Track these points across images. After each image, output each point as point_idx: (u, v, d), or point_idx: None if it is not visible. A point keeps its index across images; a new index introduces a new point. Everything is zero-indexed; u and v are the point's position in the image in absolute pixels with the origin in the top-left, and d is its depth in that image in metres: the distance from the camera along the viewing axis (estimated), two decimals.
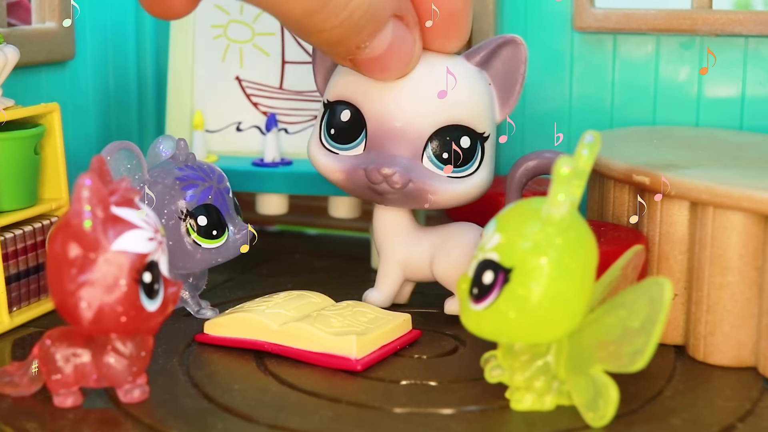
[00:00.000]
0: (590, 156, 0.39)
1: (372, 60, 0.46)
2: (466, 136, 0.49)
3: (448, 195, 0.49)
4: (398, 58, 0.46)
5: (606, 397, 0.39)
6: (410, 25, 0.46)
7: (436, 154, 0.49)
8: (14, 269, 0.50)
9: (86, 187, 0.38)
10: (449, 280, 0.50)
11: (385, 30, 0.45)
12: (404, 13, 0.46)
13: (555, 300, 0.38)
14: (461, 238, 0.50)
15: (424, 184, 0.48)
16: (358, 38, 0.44)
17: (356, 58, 0.46)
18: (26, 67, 0.59)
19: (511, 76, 0.50)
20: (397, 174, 0.48)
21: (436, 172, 0.49)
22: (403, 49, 0.46)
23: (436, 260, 0.50)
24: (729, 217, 0.44)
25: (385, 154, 0.48)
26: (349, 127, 0.49)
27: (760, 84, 0.60)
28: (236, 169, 0.62)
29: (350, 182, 0.50)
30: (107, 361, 0.41)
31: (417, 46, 0.47)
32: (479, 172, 0.50)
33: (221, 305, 0.53)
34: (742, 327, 0.45)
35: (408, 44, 0.46)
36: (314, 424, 0.40)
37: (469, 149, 0.49)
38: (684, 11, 0.60)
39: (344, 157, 0.50)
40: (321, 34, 0.43)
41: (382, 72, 0.47)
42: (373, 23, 0.44)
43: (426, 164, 0.49)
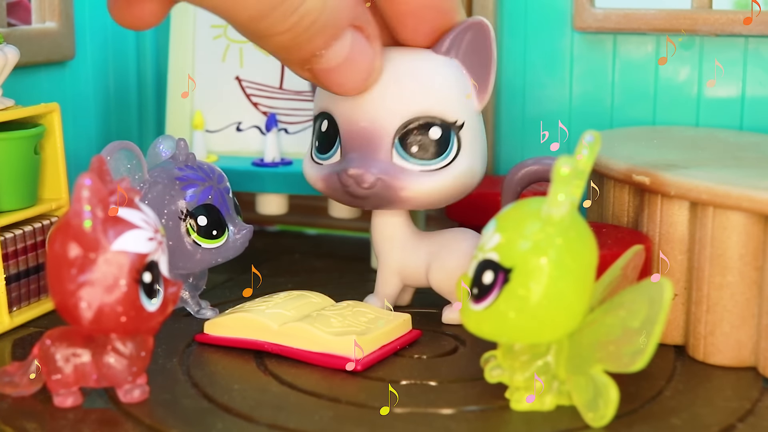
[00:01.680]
0: (590, 156, 0.39)
1: (329, 71, 0.45)
2: (435, 127, 0.48)
3: (420, 189, 0.48)
4: (356, 71, 0.46)
5: (606, 397, 0.39)
6: (370, 37, 0.45)
7: (405, 148, 0.48)
8: (14, 269, 0.50)
9: (86, 187, 0.38)
10: (445, 289, 0.50)
11: (342, 40, 0.44)
12: (363, 24, 0.45)
13: (555, 300, 0.38)
14: (457, 246, 0.50)
15: (393, 181, 0.47)
16: (312, 45, 0.43)
17: (313, 68, 0.45)
18: (26, 67, 0.59)
19: (480, 58, 0.49)
20: (364, 174, 0.47)
21: (407, 167, 0.48)
22: (361, 62, 0.45)
23: (432, 269, 0.50)
24: (729, 217, 0.44)
25: (354, 157, 0.48)
26: (327, 136, 0.49)
27: (760, 84, 0.60)
28: (236, 169, 0.62)
29: (329, 189, 0.49)
30: (107, 361, 0.41)
31: (377, 60, 0.46)
32: (458, 161, 0.48)
33: (221, 305, 0.53)
34: (742, 327, 0.45)
35: (367, 57, 0.45)
36: (314, 424, 0.40)
37: (440, 139, 0.48)
38: (684, 11, 0.60)
39: (324, 166, 0.50)
40: (271, 39, 0.42)
41: (340, 84, 0.46)
42: (328, 31, 0.43)
43: (396, 161, 0.48)
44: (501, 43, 0.65)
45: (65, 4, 0.62)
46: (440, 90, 0.48)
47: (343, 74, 0.45)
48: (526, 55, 0.65)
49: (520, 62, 0.65)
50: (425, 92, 0.48)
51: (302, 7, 0.41)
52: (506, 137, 0.66)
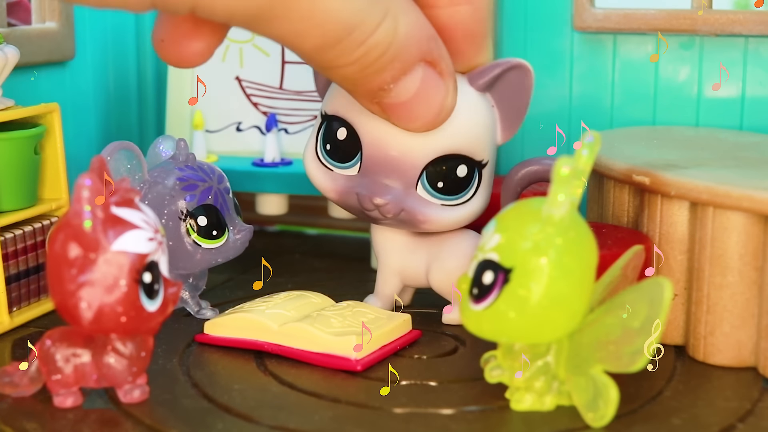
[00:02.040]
0: (590, 156, 0.39)
1: (398, 106, 0.44)
2: (463, 165, 0.47)
3: (440, 223, 0.48)
4: (427, 107, 0.44)
5: (606, 397, 0.39)
6: (443, 73, 0.44)
7: (431, 183, 0.47)
8: (14, 269, 0.50)
9: (86, 187, 0.38)
10: (445, 290, 0.50)
11: (412, 75, 0.42)
12: (436, 59, 0.43)
13: (555, 300, 0.38)
14: (457, 247, 0.50)
15: (416, 213, 0.48)
16: (380, 79, 0.42)
17: (382, 102, 0.43)
18: (26, 67, 0.59)
19: (516, 100, 0.48)
20: (389, 204, 0.47)
21: (430, 200, 0.48)
22: (433, 98, 0.44)
23: (432, 270, 0.50)
24: (729, 217, 0.44)
25: (378, 181, 0.47)
26: (345, 146, 0.48)
27: (760, 84, 0.60)
28: (236, 169, 0.62)
29: (343, 203, 0.49)
30: (107, 362, 0.41)
31: (450, 97, 0.44)
32: (475, 199, 0.49)
33: (221, 305, 0.53)
34: (742, 327, 0.45)
35: (439, 93, 0.44)
36: (314, 424, 0.40)
37: (465, 177, 0.48)
38: (684, 11, 0.60)
39: (338, 176, 0.49)
40: (337, 70, 0.41)
41: (409, 121, 0.44)
42: (396, 65, 0.42)
43: (420, 192, 0.48)
44: (501, 43, 0.65)
45: (65, 4, 0.62)
46: (473, 128, 0.47)
47: (413, 110, 0.44)
48: (526, 55, 0.65)
49: None
50: (460, 129, 0.47)
51: (371, 40, 0.40)
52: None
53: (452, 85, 0.44)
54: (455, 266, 0.49)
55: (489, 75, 0.47)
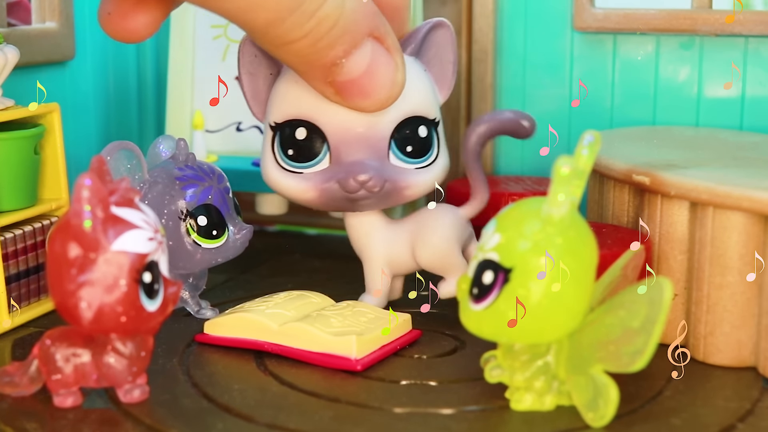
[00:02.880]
0: (590, 156, 0.39)
1: (351, 83, 0.45)
2: (422, 126, 0.49)
3: (420, 186, 0.50)
4: (379, 83, 0.45)
5: (606, 397, 0.39)
6: (391, 49, 0.45)
7: (401, 149, 0.49)
8: (14, 269, 0.50)
9: (86, 187, 0.38)
10: (435, 265, 0.50)
11: (362, 49, 0.44)
12: (383, 35, 0.45)
13: (555, 300, 0.38)
14: (437, 221, 0.50)
15: (398, 181, 0.49)
16: (332, 54, 0.43)
17: (335, 81, 0.44)
18: (26, 67, 0.59)
19: (442, 58, 0.50)
20: (373, 178, 0.48)
21: (405, 167, 0.49)
22: (383, 73, 0.45)
23: (418, 249, 0.50)
24: (729, 217, 0.44)
25: (353, 162, 0.48)
26: (308, 144, 0.49)
27: (760, 84, 0.60)
28: (236, 169, 0.62)
29: (324, 198, 0.49)
30: (107, 361, 0.41)
31: (399, 72, 0.46)
32: (440, 158, 0.50)
33: (221, 305, 0.53)
34: (742, 327, 0.45)
35: (389, 68, 0.45)
36: (314, 424, 0.40)
37: (427, 137, 0.50)
38: (684, 11, 0.60)
39: (311, 174, 0.49)
40: (290, 47, 0.42)
41: (363, 98, 0.45)
42: (346, 38, 0.43)
43: (393, 162, 0.49)
44: (501, 43, 0.65)
45: (65, 4, 0.62)
46: (420, 90, 0.49)
47: (366, 86, 0.45)
48: (526, 55, 0.65)
49: (520, 62, 0.65)
50: (410, 92, 0.48)
51: (320, 11, 0.41)
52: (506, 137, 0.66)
53: (400, 61, 0.46)
54: (439, 240, 0.50)
55: (416, 39, 0.50)
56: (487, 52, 0.65)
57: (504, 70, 0.66)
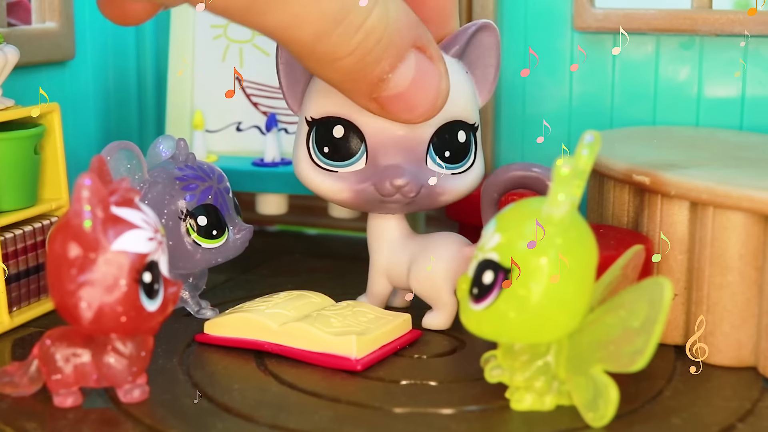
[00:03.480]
0: (590, 156, 0.39)
1: (397, 97, 0.43)
2: (461, 130, 0.49)
3: (456, 191, 0.49)
4: (424, 94, 0.44)
5: (606, 397, 0.39)
6: (434, 58, 0.44)
7: (438, 153, 0.48)
8: (14, 269, 0.50)
9: (86, 187, 0.38)
10: (423, 294, 0.50)
11: (407, 61, 0.42)
12: (425, 44, 0.43)
13: (555, 300, 0.38)
14: (437, 251, 0.49)
15: (434, 187, 0.48)
16: (378, 68, 0.42)
17: (380, 97, 0.43)
18: (26, 67, 0.59)
19: (486, 61, 0.50)
20: (409, 183, 0.47)
21: (442, 171, 0.48)
22: (429, 84, 0.44)
23: (412, 272, 0.50)
24: (729, 217, 0.44)
25: (390, 165, 0.47)
26: (345, 143, 0.48)
27: (760, 84, 0.60)
28: (236, 169, 0.62)
29: (359, 199, 0.48)
30: (107, 361, 0.41)
31: (444, 81, 0.44)
32: (476, 163, 0.50)
33: (221, 305, 0.53)
34: (742, 327, 0.45)
35: (434, 78, 0.44)
36: (314, 424, 0.40)
37: (465, 142, 0.49)
38: (684, 11, 0.60)
39: (346, 175, 0.48)
40: (336, 64, 0.41)
41: (410, 111, 0.44)
42: (392, 51, 0.42)
43: (431, 166, 0.48)
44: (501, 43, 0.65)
45: (65, 4, 0.62)
46: (461, 93, 0.48)
47: (411, 99, 0.44)
48: (526, 55, 0.65)
49: (520, 62, 0.65)
50: (452, 96, 0.46)
51: (366, 23, 0.40)
52: (506, 137, 0.66)
53: (444, 69, 0.45)
54: (434, 269, 0.49)
55: (461, 40, 0.49)
56: None
57: (504, 70, 0.66)
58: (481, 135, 0.51)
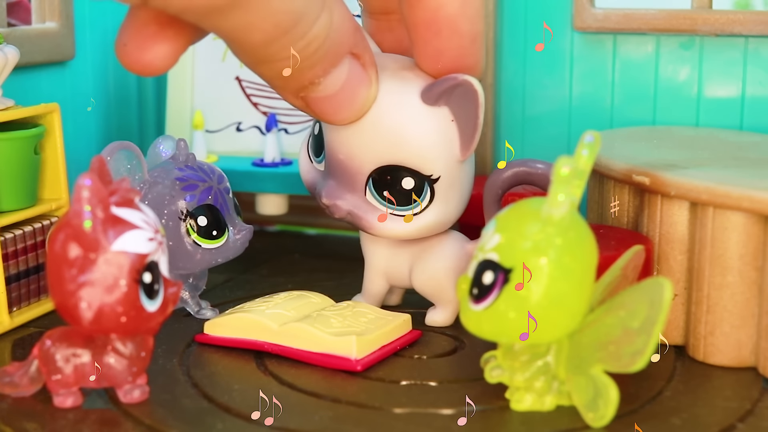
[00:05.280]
0: (590, 156, 0.39)
1: (324, 99, 0.44)
2: (409, 177, 0.47)
3: (388, 231, 0.48)
4: (351, 100, 0.45)
5: (606, 397, 0.39)
6: (366, 64, 0.44)
7: (377, 190, 0.47)
8: (14, 269, 0.50)
9: (86, 187, 0.38)
10: (427, 291, 0.50)
11: (340, 67, 0.43)
12: (361, 51, 0.44)
13: (555, 300, 0.38)
14: (440, 249, 0.49)
15: (361, 218, 0.48)
16: (312, 72, 0.42)
17: (308, 96, 0.44)
18: (26, 67, 0.59)
19: (469, 116, 0.46)
20: (336, 205, 0.48)
21: (379, 207, 0.48)
22: (357, 91, 0.44)
23: (415, 271, 0.50)
24: (729, 217, 0.44)
25: (332, 183, 0.48)
26: (319, 141, 0.49)
27: (760, 84, 0.60)
28: (236, 169, 0.62)
29: (311, 192, 0.51)
30: (107, 362, 0.41)
31: (372, 89, 0.45)
32: (428, 211, 0.47)
33: (221, 305, 0.53)
34: (742, 327, 0.45)
35: (363, 86, 0.45)
36: (314, 424, 0.40)
37: (413, 189, 0.47)
38: (684, 11, 0.60)
39: (312, 168, 0.50)
40: (274, 65, 0.41)
41: (334, 114, 0.45)
42: (329, 58, 0.42)
43: (369, 198, 0.48)
44: (501, 43, 0.65)
45: (65, 4, 0.62)
46: (419, 142, 0.46)
47: (338, 103, 0.44)
48: (526, 55, 0.65)
49: (520, 62, 0.65)
50: (404, 142, 0.46)
51: (310, 33, 0.40)
52: (506, 137, 0.66)
53: (374, 76, 0.45)
54: (438, 268, 0.49)
55: (437, 89, 0.46)
56: (487, 51, 0.65)
57: (504, 70, 0.66)
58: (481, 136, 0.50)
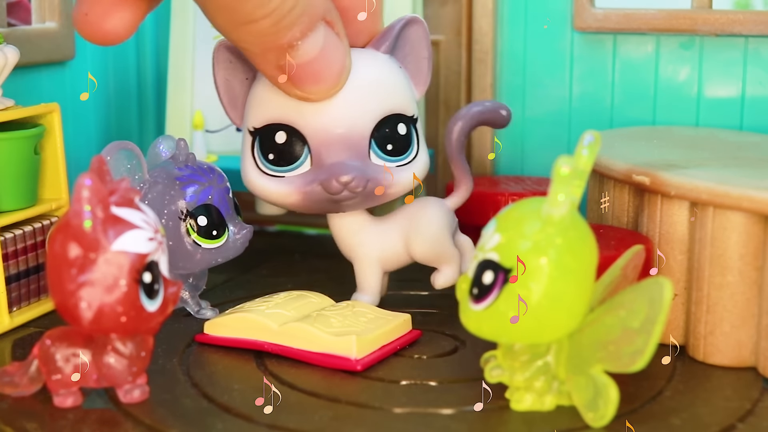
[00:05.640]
0: (590, 156, 0.39)
1: (305, 66, 0.45)
2: (401, 123, 0.49)
3: (404, 184, 0.50)
4: (330, 67, 0.46)
5: (606, 397, 0.39)
6: (340, 35, 0.46)
7: (381, 147, 0.49)
8: (14, 269, 0.50)
9: (86, 187, 0.38)
10: (429, 257, 0.51)
11: (316, 31, 0.44)
12: (334, 19, 0.45)
13: (555, 300, 0.38)
14: (427, 213, 0.51)
15: (380, 180, 0.49)
16: (290, 34, 0.43)
17: (288, 64, 0.44)
18: (26, 67, 0.59)
19: (418, 54, 0.51)
20: (355, 179, 0.48)
21: (388, 165, 0.49)
22: (335, 57, 0.46)
23: (412, 242, 0.50)
24: (729, 217, 0.44)
25: (334, 163, 0.48)
26: (288, 147, 0.49)
27: (760, 84, 0.60)
28: (236, 169, 0.62)
29: (308, 200, 0.49)
30: (107, 361, 0.41)
31: (348, 58, 0.47)
32: (420, 154, 0.51)
33: (221, 305, 0.53)
34: (742, 327, 0.45)
35: (339, 52, 0.46)
36: (314, 424, 0.40)
37: (406, 135, 0.50)
38: (684, 11, 0.60)
39: (293, 178, 0.49)
40: (250, 26, 0.42)
41: (315, 82, 0.46)
42: (305, 19, 0.43)
43: (375, 161, 0.49)
44: (501, 43, 0.65)
45: (65, 4, 0.62)
46: (397, 87, 0.50)
47: (319, 70, 0.45)
48: (526, 55, 0.65)
49: (520, 62, 0.65)
50: (388, 90, 0.49)
51: None
52: (506, 137, 0.66)
53: (347, 46, 0.47)
54: (432, 231, 0.50)
55: (390, 36, 0.50)
56: (487, 52, 0.65)
57: (504, 70, 0.66)
58: (480, 136, 0.51)
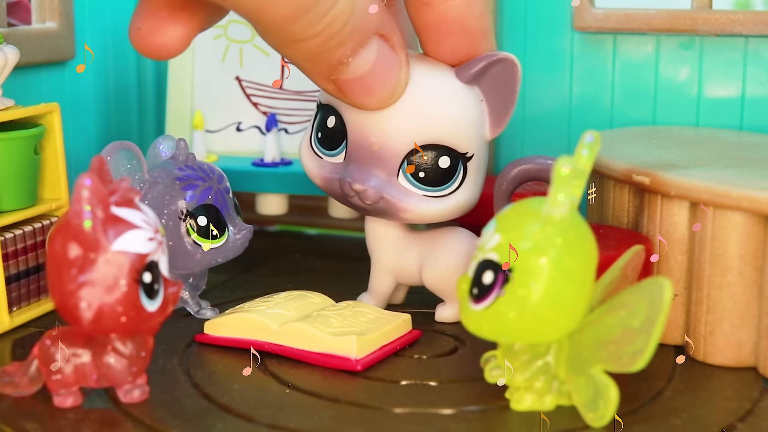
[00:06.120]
0: (590, 156, 0.39)
1: (356, 81, 0.44)
2: (446, 156, 0.47)
3: (421, 214, 0.48)
4: (383, 81, 0.45)
5: (606, 397, 0.39)
6: (395, 47, 0.45)
7: (412, 172, 0.47)
8: (14, 269, 0.50)
9: (86, 187, 0.38)
10: (438, 288, 0.50)
11: (368, 47, 0.43)
12: (389, 33, 0.44)
13: (555, 300, 0.38)
14: (450, 245, 0.49)
15: (396, 202, 0.47)
16: (340, 52, 0.42)
17: (339, 79, 0.44)
18: (26, 67, 0.59)
19: (504, 94, 0.48)
20: (368, 190, 0.47)
21: (412, 190, 0.48)
22: (388, 72, 0.45)
23: (425, 268, 0.50)
24: (729, 217, 0.44)
25: (360, 168, 0.47)
26: (333, 134, 0.49)
27: (760, 84, 0.60)
28: (236, 169, 0.62)
29: (328, 190, 0.49)
30: (107, 361, 0.41)
31: (404, 71, 0.45)
32: (459, 192, 0.48)
33: (221, 305, 0.53)
34: (742, 327, 0.45)
35: (394, 67, 0.45)
36: (314, 424, 0.40)
37: (448, 169, 0.48)
38: (684, 11, 0.60)
39: (326, 163, 0.49)
40: (301, 44, 0.41)
41: (367, 95, 0.45)
42: (355, 37, 0.42)
43: (402, 182, 0.48)
44: (501, 44, 0.65)
45: (65, 4, 0.62)
46: (457, 119, 0.47)
47: (370, 84, 0.44)
48: (526, 55, 0.65)
49: (520, 62, 0.65)
50: (441, 120, 0.47)
51: (334, 10, 0.40)
52: (506, 137, 0.66)
53: (405, 60, 0.45)
54: (448, 264, 0.49)
55: (474, 68, 0.47)
56: None
57: None
58: None
